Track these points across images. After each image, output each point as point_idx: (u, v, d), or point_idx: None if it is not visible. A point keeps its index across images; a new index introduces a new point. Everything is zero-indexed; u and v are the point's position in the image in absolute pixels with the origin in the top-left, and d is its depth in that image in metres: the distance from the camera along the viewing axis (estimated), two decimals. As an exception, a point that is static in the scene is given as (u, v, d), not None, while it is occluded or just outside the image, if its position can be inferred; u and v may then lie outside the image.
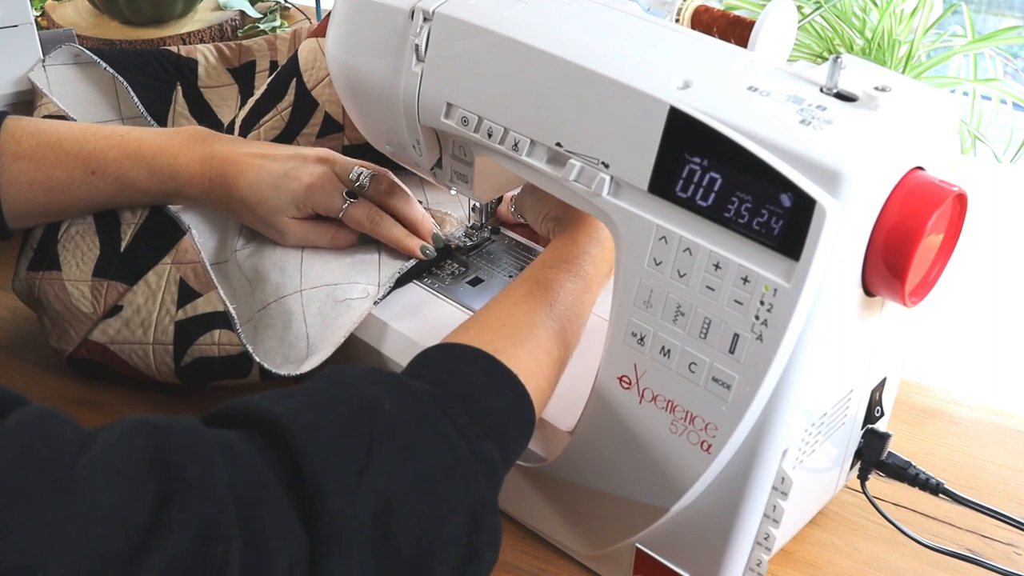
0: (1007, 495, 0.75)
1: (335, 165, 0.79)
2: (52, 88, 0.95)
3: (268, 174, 0.78)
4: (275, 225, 0.79)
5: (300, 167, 0.78)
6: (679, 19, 0.70)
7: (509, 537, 0.72)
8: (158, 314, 0.78)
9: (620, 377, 0.61)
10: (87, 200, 0.80)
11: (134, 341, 0.78)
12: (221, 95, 1.01)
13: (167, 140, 0.80)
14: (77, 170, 0.78)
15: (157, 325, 0.78)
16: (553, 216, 0.75)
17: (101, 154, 0.78)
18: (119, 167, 0.78)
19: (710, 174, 0.54)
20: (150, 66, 0.99)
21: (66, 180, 0.78)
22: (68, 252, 0.81)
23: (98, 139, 0.80)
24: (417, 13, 0.66)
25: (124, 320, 0.79)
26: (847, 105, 0.54)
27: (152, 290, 0.79)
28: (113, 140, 0.80)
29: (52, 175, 0.78)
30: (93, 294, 0.80)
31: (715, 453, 0.58)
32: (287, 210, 0.78)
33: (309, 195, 0.77)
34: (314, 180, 0.78)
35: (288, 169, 0.78)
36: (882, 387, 0.66)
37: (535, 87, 0.61)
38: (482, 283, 0.80)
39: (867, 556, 0.71)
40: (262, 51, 1.03)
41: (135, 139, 0.80)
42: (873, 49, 1.89)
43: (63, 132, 0.79)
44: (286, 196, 0.77)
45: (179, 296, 0.78)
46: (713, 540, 0.61)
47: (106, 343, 0.79)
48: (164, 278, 0.79)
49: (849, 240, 0.53)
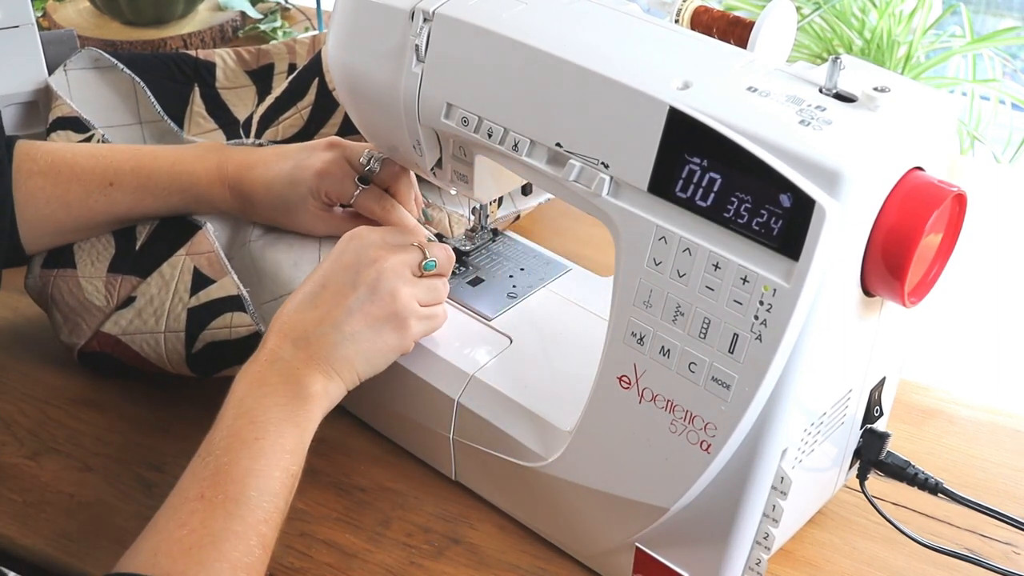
0: (1006, 495, 0.76)
1: (345, 150, 0.79)
2: (72, 93, 0.96)
3: (281, 171, 0.78)
4: (298, 220, 0.79)
5: (310, 156, 0.78)
6: (679, 20, 0.70)
7: (509, 537, 0.72)
8: (171, 303, 0.78)
9: (620, 377, 0.61)
10: (106, 213, 0.79)
11: (146, 331, 0.78)
12: (239, 95, 1.02)
13: (183, 151, 0.81)
14: (94, 183, 0.78)
15: (170, 313, 0.78)
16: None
17: (118, 166, 0.78)
18: (137, 177, 0.78)
19: (710, 174, 0.55)
20: (168, 68, 1.00)
21: (83, 194, 0.78)
22: (84, 251, 0.82)
23: (114, 153, 0.80)
24: (417, 14, 0.66)
25: (137, 310, 0.79)
26: (846, 106, 0.55)
27: (166, 280, 0.79)
28: (128, 153, 0.80)
29: (69, 189, 0.78)
30: (107, 288, 0.80)
31: (715, 453, 0.58)
32: (306, 203, 0.78)
33: (321, 182, 0.77)
34: (325, 167, 0.78)
35: (299, 160, 0.78)
36: (881, 387, 0.67)
37: (535, 87, 0.61)
38: (482, 283, 0.80)
39: (866, 555, 0.71)
40: (280, 54, 1.04)
41: (150, 151, 0.80)
42: (872, 50, 1.89)
43: (77, 149, 0.80)
44: (302, 189, 0.77)
45: (192, 284, 0.78)
46: (713, 540, 0.61)
47: (118, 334, 0.79)
48: (178, 268, 0.79)
49: (848, 240, 0.53)
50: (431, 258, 0.70)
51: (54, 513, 0.74)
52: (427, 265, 0.70)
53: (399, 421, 0.77)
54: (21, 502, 0.74)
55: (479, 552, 0.71)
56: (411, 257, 0.70)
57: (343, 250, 0.69)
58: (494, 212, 0.85)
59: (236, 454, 0.60)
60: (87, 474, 0.76)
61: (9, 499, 0.74)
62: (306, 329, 0.66)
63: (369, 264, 0.68)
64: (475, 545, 0.72)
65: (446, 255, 0.72)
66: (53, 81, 0.96)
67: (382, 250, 0.69)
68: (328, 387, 0.65)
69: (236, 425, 0.62)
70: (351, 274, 0.67)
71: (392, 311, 0.67)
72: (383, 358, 0.68)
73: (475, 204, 0.84)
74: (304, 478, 0.75)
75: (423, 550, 0.71)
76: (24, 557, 0.72)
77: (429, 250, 0.71)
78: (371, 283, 0.67)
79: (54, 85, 0.96)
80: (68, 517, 0.73)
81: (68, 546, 0.71)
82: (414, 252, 0.70)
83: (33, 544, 0.72)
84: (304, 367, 0.65)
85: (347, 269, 0.68)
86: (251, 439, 0.61)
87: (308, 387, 0.64)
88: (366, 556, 0.71)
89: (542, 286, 0.80)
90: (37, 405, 0.82)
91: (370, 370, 0.68)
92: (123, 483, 0.76)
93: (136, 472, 0.77)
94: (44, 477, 0.76)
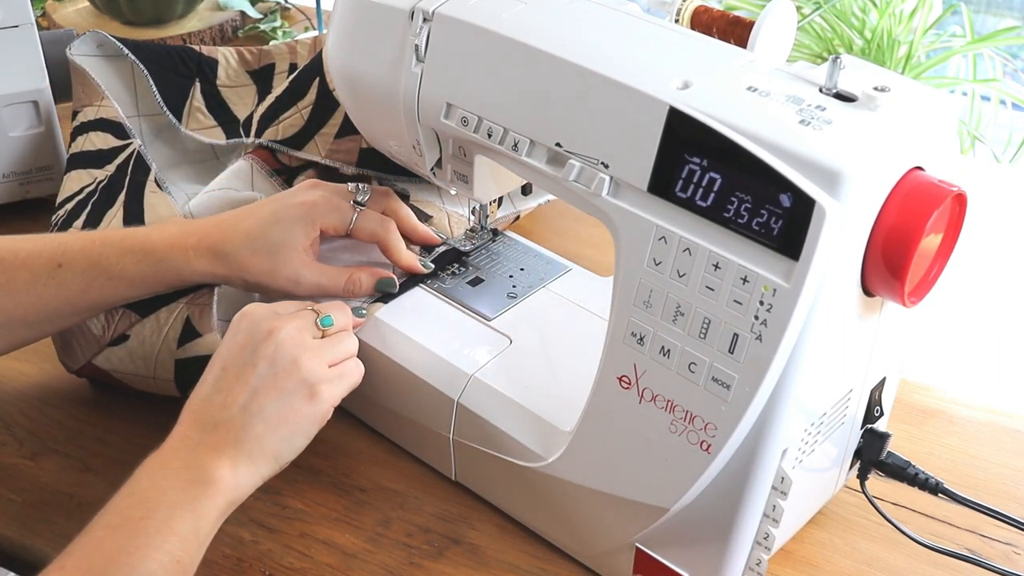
0: (1006, 495, 0.76)
1: (328, 186, 0.77)
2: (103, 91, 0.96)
3: (261, 217, 0.74)
4: (287, 265, 0.73)
5: (294, 196, 0.75)
6: (679, 19, 0.70)
7: (509, 537, 0.72)
8: (160, 349, 0.77)
9: (620, 377, 0.61)
10: (57, 298, 0.72)
11: (137, 374, 0.78)
12: (239, 94, 1.02)
13: (135, 227, 0.77)
14: (42, 266, 0.72)
15: (158, 361, 0.77)
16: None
17: (67, 247, 0.73)
18: (87, 255, 0.72)
19: (710, 174, 0.55)
20: (171, 59, 0.99)
21: (30, 279, 0.72)
22: None
23: (63, 237, 0.76)
24: (417, 13, 0.66)
25: (128, 350, 0.78)
26: (846, 105, 0.55)
27: (160, 325, 0.78)
28: (79, 235, 0.76)
29: (15, 276, 0.71)
30: (107, 318, 0.78)
31: (715, 453, 0.58)
32: (296, 238, 0.73)
33: (315, 211, 0.74)
34: (315, 200, 0.75)
35: (283, 201, 0.75)
36: (881, 387, 0.67)
37: (535, 87, 0.61)
38: (482, 283, 0.80)
39: (866, 556, 0.71)
40: (282, 54, 1.04)
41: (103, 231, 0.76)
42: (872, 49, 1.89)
43: (21, 238, 0.74)
44: (291, 223, 0.73)
45: (181, 334, 0.77)
46: (713, 540, 0.61)
47: (109, 370, 0.79)
48: (174, 315, 0.78)
49: (848, 240, 0.53)
50: (325, 314, 0.68)
51: (54, 513, 0.73)
52: (323, 321, 0.68)
53: (399, 421, 0.77)
54: (21, 502, 0.74)
55: (479, 552, 0.71)
56: (305, 321, 0.67)
57: (236, 331, 0.66)
58: (494, 212, 0.85)
59: (113, 530, 0.57)
60: (87, 474, 0.76)
61: (9, 499, 0.74)
62: (213, 414, 0.63)
63: (264, 338, 0.65)
64: (475, 545, 0.72)
65: (340, 308, 0.70)
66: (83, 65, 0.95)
67: (275, 321, 0.66)
68: (237, 473, 0.62)
69: (124, 504, 0.59)
70: (247, 353, 0.65)
71: (298, 380, 0.64)
72: (301, 432, 0.65)
73: (475, 204, 0.84)
74: (304, 478, 0.75)
75: (423, 550, 0.71)
76: (24, 557, 0.72)
77: (321, 309, 0.68)
78: (270, 357, 0.64)
79: (91, 74, 0.95)
80: (68, 517, 0.73)
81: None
82: (307, 315, 0.68)
83: (33, 544, 0.71)
84: (211, 452, 0.62)
85: (243, 348, 0.65)
86: (135, 518, 0.57)
87: (212, 472, 0.61)
88: (366, 556, 0.71)
89: (542, 286, 0.80)
90: (37, 405, 0.82)
91: (289, 448, 0.65)
92: (123, 483, 0.76)
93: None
94: (44, 477, 0.76)
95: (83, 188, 0.92)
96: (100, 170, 0.94)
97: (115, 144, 0.95)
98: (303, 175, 0.90)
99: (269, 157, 0.91)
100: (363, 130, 0.78)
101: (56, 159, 1.02)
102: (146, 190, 0.92)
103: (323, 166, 0.90)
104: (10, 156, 1.00)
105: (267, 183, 0.89)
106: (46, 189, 1.03)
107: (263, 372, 0.64)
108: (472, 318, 0.76)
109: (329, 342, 0.68)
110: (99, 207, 0.90)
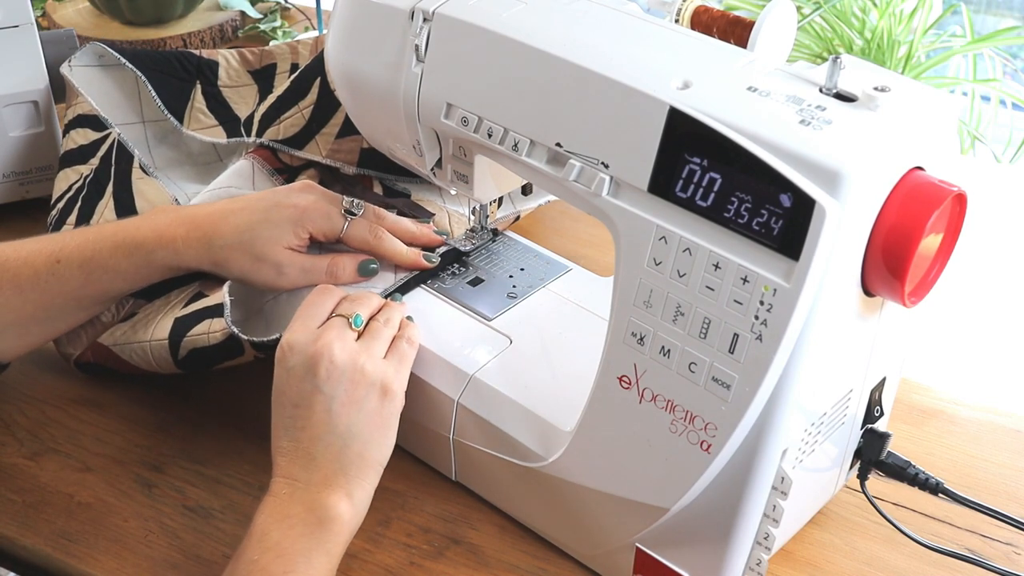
0: (1006, 495, 0.76)
1: (322, 190, 0.78)
2: (77, 90, 0.96)
3: (252, 213, 0.75)
4: (271, 257, 0.74)
5: (287, 198, 0.76)
6: (679, 19, 0.70)
7: (509, 537, 0.72)
8: (163, 315, 0.78)
9: (620, 377, 0.61)
10: (60, 293, 0.75)
11: (134, 341, 0.78)
12: (240, 94, 1.02)
13: (128, 219, 0.78)
14: (42, 263, 0.74)
15: (159, 324, 0.78)
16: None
17: (63, 244, 0.75)
18: (82, 251, 0.75)
19: (710, 174, 0.55)
20: (170, 64, 1.00)
21: (33, 276, 0.74)
22: None
23: (60, 235, 0.77)
24: (417, 13, 0.66)
25: (132, 323, 0.79)
26: (846, 105, 0.55)
27: (169, 301, 0.79)
28: (75, 232, 0.77)
29: (19, 273, 0.74)
30: (116, 307, 0.80)
31: (715, 453, 0.58)
32: (284, 238, 0.74)
33: (307, 216, 0.74)
34: (309, 203, 0.75)
35: (274, 203, 0.75)
36: (882, 387, 0.67)
37: (535, 87, 0.61)
38: (482, 283, 0.80)
39: (867, 556, 0.71)
40: (283, 54, 1.04)
41: (98, 226, 0.77)
42: (872, 49, 1.89)
43: (19, 242, 0.76)
44: (281, 224, 0.74)
45: (189, 301, 0.78)
46: (713, 540, 0.61)
47: (110, 344, 0.79)
48: (185, 291, 0.79)
49: (848, 240, 0.53)
50: (354, 314, 0.69)
51: (54, 513, 0.74)
52: (355, 322, 0.68)
53: (399, 421, 0.77)
54: (21, 502, 0.74)
55: (479, 552, 0.71)
56: (340, 330, 0.68)
57: (285, 367, 0.67)
58: (494, 212, 0.85)
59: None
60: (87, 474, 0.76)
61: (9, 499, 0.74)
62: (307, 450, 0.65)
63: (317, 362, 0.65)
64: (475, 545, 0.72)
65: (360, 302, 0.70)
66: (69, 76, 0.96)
67: (317, 342, 0.66)
68: (354, 501, 0.64)
69: (263, 561, 0.61)
70: (308, 383, 0.65)
71: (367, 385, 0.66)
72: (390, 429, 0.67)
73: (475, 204, 0.84)
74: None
75: (423, 550, 0.71)
76: (24, 557, 0.72)
77: (345, 312, 0.69)
78: (331, 376, 0.65)
79: (74, 81, 0.96)
80: (68, 517, 0.73)
81: (68, 546, 0.71)
82: (338, 322, 0.68)
83: (33, 544, 0.72)
84: (324, 490, 0.64)
85: (303, 380, 0.66)
86: (279, 572, 0.60)
87: (331, 509, 0.63)
88: (366, 556, 0.71)
89: (542, 286, 0.80)
90: (37, 405, 0.82)
91: (387, 450, 0.67)
92: (123, 483, 0.76)
93: (136, 472, 0.77)
94: (44, 477, 0.76)
95: (71, 185, 0.93)
96: (85, 165, 0.94)
97: (95, 137, 0.95)
98: (304, 174, 0.91)
99: (270, 156, 0.91)
100: (363, 130, 0.78)
101: (56, 159, 1.02)
102: (133, 177, 0.93)
103: (324, 166, 0.90)
104: (10, 156, 1.00)
105: (268, 182, 0.89)
106: (46, 189, 1.02)
107: (331, 393, 0.65)
108: (472, 318, 0.76)
109: (371, 336, 0.69)
110: (89, 200, 0.91)
